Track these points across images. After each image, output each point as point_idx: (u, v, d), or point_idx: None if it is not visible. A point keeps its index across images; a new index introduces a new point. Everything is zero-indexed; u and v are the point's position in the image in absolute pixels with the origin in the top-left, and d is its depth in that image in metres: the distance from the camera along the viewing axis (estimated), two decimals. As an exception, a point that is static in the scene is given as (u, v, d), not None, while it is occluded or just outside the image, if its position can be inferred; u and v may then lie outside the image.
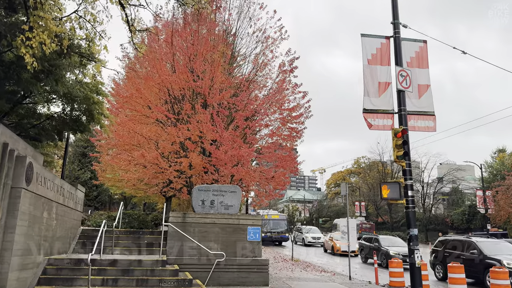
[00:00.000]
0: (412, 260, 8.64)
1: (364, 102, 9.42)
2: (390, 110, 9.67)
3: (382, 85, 9.62)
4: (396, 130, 8.89)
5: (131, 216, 18.66)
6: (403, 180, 8.95)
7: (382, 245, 20.44)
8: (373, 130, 9.31)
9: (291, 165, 19.07)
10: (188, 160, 15.74)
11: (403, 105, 9.36)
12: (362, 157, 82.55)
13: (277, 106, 18.30)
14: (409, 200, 8.80)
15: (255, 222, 12.64)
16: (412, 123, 9.62)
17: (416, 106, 9.77)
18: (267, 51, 19.31)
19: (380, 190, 8.94)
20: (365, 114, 9.34)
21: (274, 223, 35.83)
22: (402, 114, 9.30)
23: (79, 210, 12.13)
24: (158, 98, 17.84)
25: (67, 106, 10.40)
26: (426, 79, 10.00)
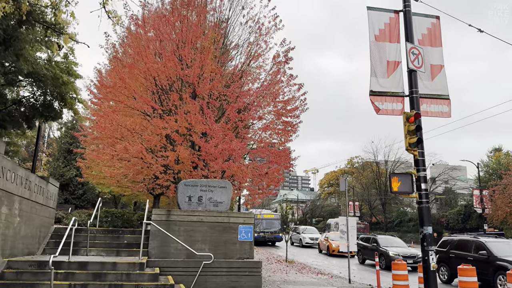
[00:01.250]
0: (426, 263, 7.59)
1: (371, 83, 8.37)
2: (400, 92, 8.63)
3: (391, 64, 8.58)
4: (408, 114, 7.84)
5: (115, 215, 17.45)
6: (416, 171, 7.91)
7: (381, 246, 19.43)
8: (381, 115, 8.28)
9: (286, 161, 17.95)
10: (175, 154, 14.60)
11: (415, 86, 8.31)
12: (355, 157, 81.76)
13: (271, 98, 17.19)
14: (423, 194, 7.76)
15: (247, 220, 11.54)
16: (425, 107, 8.59)
17: (429, 89, 8.74)
18: (261, 41, 18.20)
19: (390, 183, 7.88)
20: (372, 97, 8.29)
21: (268, 222, 34.70)
22: (413, 97, 8.25)
23: (51, 206, 10.92)
24: (145, 89, 16.69)
25: (37, 90, 9.23)
26: (440, 58, 8.98)
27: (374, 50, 8.53)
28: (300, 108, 17.58)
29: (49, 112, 9.21)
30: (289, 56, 17.52)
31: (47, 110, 9.21)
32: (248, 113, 16.16)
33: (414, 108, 8.10)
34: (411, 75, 8.42)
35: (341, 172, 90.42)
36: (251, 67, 18.89)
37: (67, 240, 10.25)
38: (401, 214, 60.94)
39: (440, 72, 8.85)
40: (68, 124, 34.53)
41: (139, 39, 16.26)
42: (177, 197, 11.60)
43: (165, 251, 10.65)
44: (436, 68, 8.89)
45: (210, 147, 14.47)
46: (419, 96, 8.34)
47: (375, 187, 64.95)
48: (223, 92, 16.30)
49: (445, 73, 8.91)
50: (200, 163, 15.28)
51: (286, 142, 18.21)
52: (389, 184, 7.91)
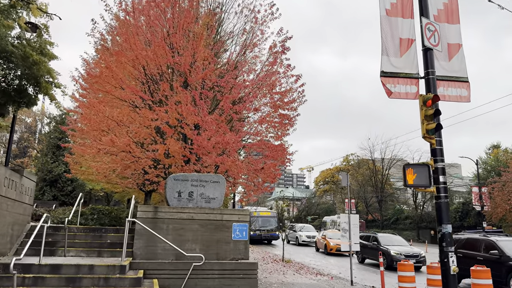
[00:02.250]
0: (445, 266, 6.71)
1: (382, 63, 7.47)
2: (414, 74, 7.75)
3: (404, 42, 7.69)
4: (426, 96, 6.95)
5: (101, 212, 16.41)
6: (433, 162, 7.03)
7: (381, 244, 18.61)
8: (393, 98, 7.39)
9: (282, 156, 17.02)
10: (165, 147, 13.64)
11: (431, 67, 7.42)
12: (351, 154, 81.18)
13: (267, 89, 16.24)
14: (441, 188, 6.89)
15: (242, 218, 10.63)
16: (442, 91, 7.72)
17: (446, 70, 7.88)
18: (257, 30, 17.22)
19: (404, 175, 7.00)
20: (384, 79, 7.40)
21: (264, 220, 33.79)
22: (430, 79, 7.36)
23: (27, 202, 9.94)
24: (133, 79, 15.72)
25: (9, 73, 8.25)
26: (457, 37, 8.11)
27: (385, 26, 7.64)
28: (298, 100, 16.67)
29: (21, 98, 8.25)
30: (286, 46, 16.61)
31: (20, 96, 8.25)
32: (243, 105, 15.23)
33: (430, 91, 7.22)
34: (427, 54, 7.53)
35: (337, 169, 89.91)
36: (247, 57, 17.92)
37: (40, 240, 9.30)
38: (397, 211, 60.41)
39: (458, 52, 7.98)
40: (58, 119, 33.43)
41: (128, 25, 15.28)
42: (165, 193, 10.69)
43: (152, 251, 9.73)
44: (453, 47, 8.02)
45: (203, 140, 13.54)
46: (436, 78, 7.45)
47: (371, 185, 64.39)
48: (216, 83, 15.37)
49: (463, 53, 8.04)
50: (192, 157, 14.35)
51: (283, 136, 17.25)
52: (404, 177, 7.04)
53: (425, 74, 7.51)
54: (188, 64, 14.33)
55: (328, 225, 56.57)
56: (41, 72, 7.93)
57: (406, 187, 8.00)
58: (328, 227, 54.17)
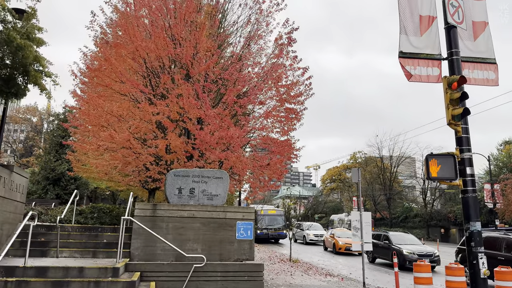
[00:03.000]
0: (474, 268, 6.01)
1: (401, 43, 6.75)
2: (436, 54, 7.04)
3: (424, 20, 6.98)
4: (451, 78, 6.23)
5: (102, 210, 15.84)
6: (459, 153, 6.31)
7: (393, 243, 17.86)
8: (413, 82, 6.68)
9: (289, 151, 16.29)
10: (166, 142, 13.02)
11: (455, 46, 6.70)
12: (358, 152, 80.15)
13: (273, 82, 15.53)
14: (468, 181, 6.19)
15: (247, 215, 9.96)
16: (466, 73, 6.99)
17: (471, 51, 7.15)
18: (262, 22, 16.51)
19: (427, 167, 6.29)
20: (402, 60, 6.69)
21: (271, 219, 33.08)
22: (454, 59, 6.64)
23: (18, 200, 9.36)
24: (134, 72, 15.11)
25: None
26: (483, 14, 7.37)
27: (403, 1, 6.93)
28: (304, 94, 15.96)
29: (9, 88, 7.66)
30: (292, 37, 15.90)
31: (7, 86, 7.66)
32: (248, 98, 14.53)
33: (454, 73, 6.51)
34: (450, 32, 6.81)
35: (344, 167, 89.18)
36: (251, 49, 17.22)
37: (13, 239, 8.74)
38: (406, 210, 59.45)
39: (484, 31, 7.25)
40: (61, 116, 33.01)
41: (127, 16, 14.68)
42: (165, 190, 10.05)
43: (151, 252, 9.10)
44: (479, 25, 7.28)
45: (206, 134, 12.91)
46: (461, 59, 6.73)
47: (379, 182, 63.48)
48: (220, 75, 14.74)
49: (490, 32, 7.31)
50: (195, 153, 13.72)
51: (289, 131, 16.49)
52: (426, 169, 6.33)
53: (448, 54, 6.79)
54: (190, 56, 13.70)
55: (335, 223, 55.83)
56: (29, 60, 7.33)
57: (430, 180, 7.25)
58: (336, 226, 53.43)
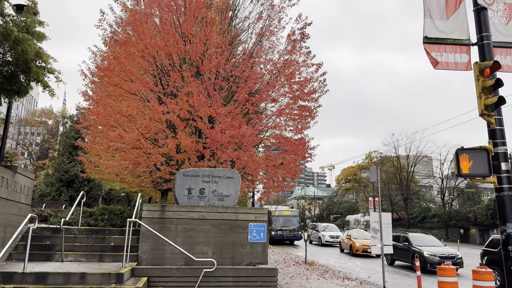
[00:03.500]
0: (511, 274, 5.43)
1: (426, 27, 6.20)
2: (464, 39, 6.46)
3: (451, 1, 6.41)
4: (484, 64, 5.65)
5: (113, 212, 15.59)
6: (492, 147, 5.72)
7: (413, 245, 17.15)
8: (440, 69, 6.13)
9: (303, 150, 15.73)
10: (176, 141, 12.63)
11: (486, 30, 6.11)
12: (374, 151, 78.85)
13: (286, 79, 15.01)
14: (504, 178, 5.60)
15: (259, 217, 9.49)
16: (498, 59, 6.38)
17: (504, 35, 6.54)
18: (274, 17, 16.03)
19: (457, 163, 5.70)
20: (428, 46, 6.14)
21: (285, 220, 32.46)
22: (485, 44, 6.06)
23: (23, 202, 9.06)
24: (144, 71, 14.78)
25: None
26: (516, -5, 6.76)
27: (427, -19, 6.37)
28: (319, 90, 15.40)
29: (11, 85, 7.36)
30: (305, 33, 15.38)
31: (9, 83, 7.35)
32: (260, 95, 14.05)
33: (486, 59, 5.92)
34: (480, 14, 6.22)
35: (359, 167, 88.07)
36: (263, 46, 16.73)
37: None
38: (424, 210, 58.12)
39: (517, 13, 6.63)
40: (74, 118, 33.07)
41: (136, 14, 14.38)
42: (174, 190, 9.65)
43: (159, 255, 8.71)
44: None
45: (216, 133, 12.48)
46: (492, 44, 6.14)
47: (395, 182, 62.24)
48: (231, 73, 14.31)
49: (524, 14, 6.69)
50: (206, 153, 13.31)
51: (303, 129, 15.93)
52: (456, 165, 5.76)
53: (478, 39, 6.20)
54: (200, 52, 13.31)
55: (351, 224, 54.94)
56: (30, 56, 7.02)
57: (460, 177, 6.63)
58: (352, 226, 52.56)
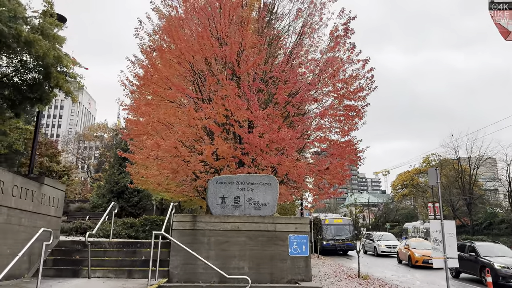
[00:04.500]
0: None
1: (490, -11, 5.05)
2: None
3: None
4: None
5: (155, 222, 15.24)
6: None
7: (481, 255, 15.25)
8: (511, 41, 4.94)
9: (351, 153, 14.51)
10: (212, 147, 12.00)
11: None
12: (431, 154, 74.43)
13: (329, 77, 13.97)
14: None
15: (300, 227, 8.53)
16: None
17: None
18: (316, 15, 15.09)
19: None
20: (495, 13, 4.98)
21: (337, 228, 30.85)
22: None
23: (52, 214, 8.78)
24: (183, 78, 14.39)
25: (20, 65, 7.12)
26: None
27: None
28: (366, 88, 14.20)
29: (32, 92, 7.10)
30: (350, 27, 14.30)
31: (31, 90, 7.11)
32: (300, 95, 13.09)
33: None
34: None
35: (416, 171, 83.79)
36: (304, 44, 15.78)
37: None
38: (490, 215, 53.54)
39: None
40: (125, 130, 33.90)
41: (171, 19, 14.08)
42: (207, 200, 8.95)
43: (191, 270, 8.02)
44: None
45: (254, 137, 11.72)
46: None
47: (457, 186, 58.02)
48: (270, 73, 13.55)
49: None
50: (245, 159, 12.58)
51: (350, 131, 14.72)
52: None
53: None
54: (235, 53, 12.67)
55: (410, 232, 51.82)
56: (49, 60, 6.71)
57: None
58: (410, 235, 49.50)
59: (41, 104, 7.67)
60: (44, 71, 7.05)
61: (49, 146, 40.95)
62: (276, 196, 9.03)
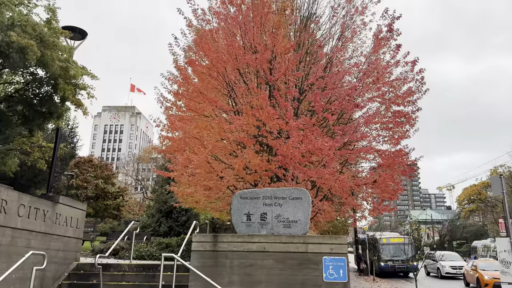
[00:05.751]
0: None
1: None
2: None
3: None
4: None
5: (192, 243, 14.45)
6: None
7: None
8: None
9: (402, 164, 13.02)
10: (244, 161, 11.17)
11: None
12: (500, 166, 68.33)
13: (372, 82, 12.77)
14: None
15: (337, 248, 7.37)
16: None
17: None
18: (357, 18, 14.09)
19: None
20: None
21: (396, 248, 28.50)
22: None
23: (69, 235, 8.31)
24: (217, 91, 13.87)
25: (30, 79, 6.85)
26: None
27: None
28: (416, 91, 12.84)
29: (41, 106, 6.76)
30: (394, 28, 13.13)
31: (41, 104, 6.78)
32: (340, 101, 11.97)
33: None
34: None
35: (483, 185, 77.46)
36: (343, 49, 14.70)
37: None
38: None
39: None
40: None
41: (201, 32, 13.70)
42: (231, 217, 8.07)
43: (212, 298, 7.08)
44: None
45: (288, 148, 10.72)
46: None
47: (532, 200, 52.48)
48: (306, 82, 12.62)
49: None
50: (279, 172, 11.58)
51: (400, 139, 13.27)
52: None
53: None
54: (266, 61, 11.88)
55: (479, 251, 47.19)
56: (54, 70, 6.33)
57: None
58: (480, 254, 45.00)
59: (52, 118, 7.34)
60: (53, 83, 6.72)
61: (104, 169, 42.43)
62: (308, 212, 7.94)
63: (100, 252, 11.48)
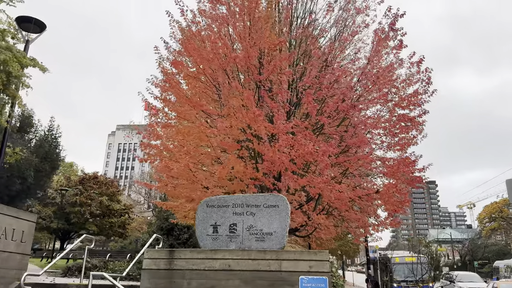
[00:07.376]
0: None
1: None
2: None
3: None
4: None
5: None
6: None
7: None
8: None
9: (407, 172, 11.63)
10: (226, 169, 9.95)
11: None
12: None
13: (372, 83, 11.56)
14: None
15: (316, 266, 6.05)
16: None
17: None
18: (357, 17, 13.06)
19: None
20: None
21: (409, 268, 26.73)
22: None
23: (11, 250, 7.17)
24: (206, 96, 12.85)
25: None
26: None
27: None
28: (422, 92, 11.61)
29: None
30: (397, 27, 12.00)
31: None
32: (335, 101, 10.75)
33: None
34: None
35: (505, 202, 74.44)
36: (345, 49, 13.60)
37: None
38: None
39: None
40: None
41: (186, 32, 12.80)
42: (196, 229, 6.82)
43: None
44: None
45: (273, 152, 9.50)
46: None
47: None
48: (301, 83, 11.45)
49: None
50: (268, 182, 10.30)
51: (406, 146, 11.92)
52: None
53: None
54: (254, 58, 10.78)
55: (502, 271, 44.36)
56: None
57: None
58: (502, 274, 42.22)
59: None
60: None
61: (110, 185, 41.61)
62: (286, 222, 6.63)
63: (68, 270, 10.29)
